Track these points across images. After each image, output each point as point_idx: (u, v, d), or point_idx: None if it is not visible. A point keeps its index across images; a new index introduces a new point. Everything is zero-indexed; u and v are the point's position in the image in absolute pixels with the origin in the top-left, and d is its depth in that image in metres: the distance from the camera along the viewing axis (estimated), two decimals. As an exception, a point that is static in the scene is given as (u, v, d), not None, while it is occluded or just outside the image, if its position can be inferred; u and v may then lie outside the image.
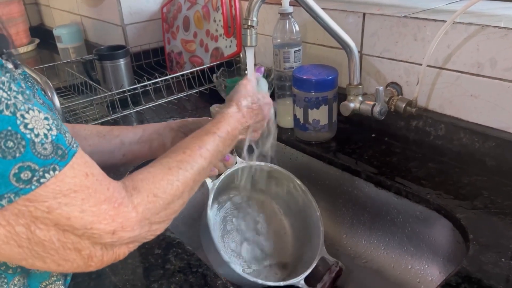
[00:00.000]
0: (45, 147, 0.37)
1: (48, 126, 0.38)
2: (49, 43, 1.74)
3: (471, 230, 0.63)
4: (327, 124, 0.89)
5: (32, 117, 0.36)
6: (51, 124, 0.38)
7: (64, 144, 0.39)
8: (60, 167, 0.38)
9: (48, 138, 0.37)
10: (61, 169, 0.37)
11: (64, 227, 0.38)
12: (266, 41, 1.10)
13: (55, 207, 0.37)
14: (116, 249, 0.43)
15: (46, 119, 0.38)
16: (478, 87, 0.75)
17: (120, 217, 0.42)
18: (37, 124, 0.37)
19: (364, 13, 0.88)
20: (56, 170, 0.37)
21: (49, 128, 0.38)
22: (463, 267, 0.58)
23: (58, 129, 0.39)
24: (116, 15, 1.36)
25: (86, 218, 0.39)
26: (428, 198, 0.72)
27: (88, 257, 0.41)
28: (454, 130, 0.80)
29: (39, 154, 0.36)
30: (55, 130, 0.38)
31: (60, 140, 0.38)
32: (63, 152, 0.38)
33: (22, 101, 0.36)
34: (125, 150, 0.67)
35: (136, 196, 0.44)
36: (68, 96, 1.24)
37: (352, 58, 0.83)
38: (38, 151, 0.36)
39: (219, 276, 0.59)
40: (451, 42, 0.76)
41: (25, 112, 0.36)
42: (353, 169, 0.83)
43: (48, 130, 0.38)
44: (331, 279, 0.74)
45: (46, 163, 0.37)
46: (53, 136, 0.38)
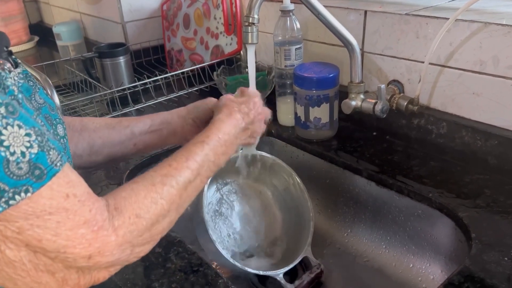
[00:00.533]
0: (21, 166, 0.35)
1: (29, 143, 0.35)
2: (48, 41, 1.73)
3: (474, 229, 0.63)
4: (328, 122, 0.89)
5: (10, 133, 0.34)
6: (33, 141, 0.36)
7: (44, 163, 0.36)
8: (34, 189, 0.35)
9: (25, 156, 0.35)
10: (34, 190, 0.35)
11: (35, 249, 0.37)
12: (267, 38, 1.10)
13: (26, 228, 0.36)
14: (95, 273, 0.41)
15: (27, 135, 0.35)
16: (480, 85, 0.75)
17: (98, 241, 0.39)
18: (14, 141, 0.34)
19: (365, 11, 0.87)
20: (29, 192, 0.35)
21: (29, 145, 0.35)
22: (466, 266, 0.57)
23: (40, 146, 0.36)
24: (116, 13, 1.35)
25: (59, 242, 0.37)
26: (430, 196, 0.71)
27: (63, 280, 0.39)
28: (456, 129, 0.79)
29: (11, 174, 0.34)
30: (36, 147, 0.36)
31: (40, 158, 0.36)
32: (41, 172, 0.36)
33: (3, 114, 0.34)
34: (135, 140, 0.66)
35: (118, 217, 0.42)
36: (68, 94, 1.24)
37: (353, 55, 0.82)
38: (12, 170, 0.34)
39: (220, 275, 0.59)
40: (453, 39, 0.76)
41: (3, 128, 0.34)
42: (354, 168, 0.82)
43: (28, 147, 0.35)
44: (309, 278, 0.75)
45: (18, 184, 0.34)
46: (32, 155, 0.35)
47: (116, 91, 1.08)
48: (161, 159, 0.90)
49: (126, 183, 0.47)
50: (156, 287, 0.58)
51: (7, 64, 0.46)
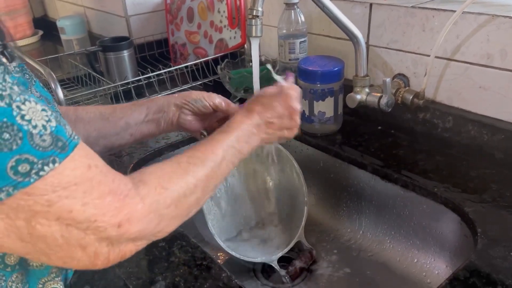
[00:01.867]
0: (44, 138, 0.35)
1: (47, 117, 0.36)
2: (52, 35, 1.73)
3: (480, 224, 0.62)
4: (332, 116, 0.88)
5: (29, 108, 0.35)
6: (50, 115, 0.37)
7: (64, 136, 0.37)
8: (60, 159, 0.36)
9: (47, 129, 0.36)
10: (61, 161, 0.36)
11: (67, 221, 0.37)
12: (271, 32, 1.09)
13: (55, 201, 0.36)
14: (123, 247, 0.41)
15: (44, 111, 0.36)
16: (487, 79, 0.74)
17: (126, 208, 0.40)
18: (34, 115, 0.35)
19: (371, 3, 0.86)
20: (56, 163, 0.36)
21: (48, 119, 0.36)
22: (471, 261, 0.57)
23: (57, 120, 0.37)
24: (120, 6, 1.35)
25: (89, 210, 0.37)
26: (435, 191, 0.71)
27: (94, 255, 0.40)
28: (462, 123, 0.78)
29: (37, 146, 0.35)
30: (54, 121, 0.37)
31: (60, 131, 0.37)
32: (63, 144, 0.37)
33: (18, 92, 0.35)
34: (132, 131, 0.65)
35: (143, 187, 0.42)
36: (72, 87, 1.24)
37: (358, 49, 0.82)
38: (37, 143, 0.35)
39: (224, 269, 0.59)
40: (460, 32, 0.75)
41: (21, 104, 0.35)
42: (359, 162, 0.82)
43: (47, 121, 0.36)
44: (301, 263, 0.76)
45: (45, 155, 0.35)
46: (52, 128, 0.36)
47: (119, 85, 1.07)
48: (165, 153, 0.91)
49: (153, 164, 0.48)
50: (159, 280, 0.58)
51: (2, 58, 0.46)
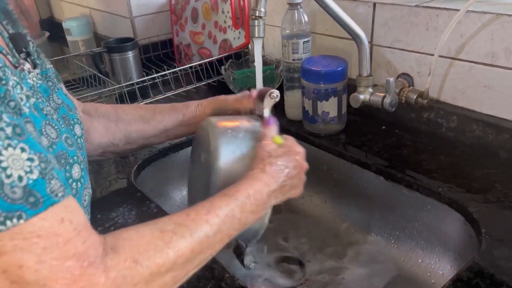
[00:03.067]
0: (14, 190, 0.32)
1: (29, 168, 0.33)
2: (59, 36, 1.74)
3: (484, 224, 0.62)
4: (336, 116, 0.88)
5: (10, 155, 0.33)
6: (34, 166, 0.34)
7: (41, 191, 0.34)
8: (28, 216, 0.33)
9: (22, 181, 0.33)
10: (28, 218, 0.33)
11: (12, 277, 0.33)
12: (274, 32, 1.09)
13: (8, 250, 0.32)
14: None
15: (29, 160, 0.34)
16: (492, 78, 0.73)
17: (84, 280, 0.34)
18: (14, 163, 0.33)
19: (374, 3, 0.86)
20: (21, 219, 0.32)
21: (29, 170, 0.33)
22: (475, 262, 0.56)
23: (42, 173, 0.34)
24: (125, 7, 1.36)
25: (41, 271, 0.33)
26: (439, 191, 0.70)
27: None
28: (466, 122, 0.78)
29: (5, 197, 0.32)
30: (36, 173, 0.34)
31: (38, 186, 0.34)
32: (36, 200, 0.33)
33: (7, 135, 0.33)
34: (168, 133, 0.69)
35: (112, 257, 0.37)
36: (77, 89, 1.25)
37: (362, 48, 0.81)
38: (6, 192, 0.32)
39: (227, 270, 0.59)
40: (464, 31, 0.74)
41: (3, 149, 0.32)
42: (363, 162, 0.82)
43: (27, 172, 0.33)
44: None
45: (11, 209, 0.32)
46: (29, 180, 0.33)
47: (124, 86, 1.08)
48: (169, 153, 0.92)
49: (134, 225, 0.42)
50: (163, 281, 0.58)
51: (26, 64, 0.46)
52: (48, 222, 0.34)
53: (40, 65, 0.52)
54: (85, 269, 0.35)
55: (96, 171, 0.83)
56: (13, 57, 0.45)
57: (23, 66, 0.45)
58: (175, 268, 0.41)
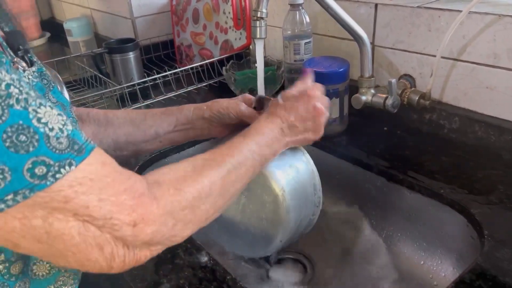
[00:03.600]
0: (61, 141, 0.35)
1: (63, 121, 0.36)
2: (59, 37, 1.74)
3: (486, 226, 0.62)
4: (338, 117, 0.88)
5: (45, 112, 0.35)
6: (66, 120, 0.37)
7: (80, 140, 0.37)
8: (77, 162, 0.36)
9: (63, 132, 0.36)
10: (77, 164, 0.36)
11: (83, 217, 0.37)
12: (276, 33, 1.09)
13: (72, 197, 0.36)
14: (138, 251, 0.41)
15: (60, 115, 0.36)
16: (494, 79, 0.73)
17: (140, 207, 0.39)
18: (51, 118, 0.35)
19: (376, 4, 0.86)
20: (72, 165, 0.36)
21: (64, 123, 0.36)
22: (478, 264, 0.56)
23: (73, 125, 0.37)
24: (126, 8, 1.35)
25: (105, 207, 0.37)
26: (441, 192, 0.70)
27: (111, 256, 0.39)
28: (469, 123, 0.78)
29: (54, 149, 0.35)
30: (70, 126, 0.37)
31: (76, 135, 0.37)
32: (80, 147, 0.37)
33: (34, 96, 0.35)
34: (161, 138, 0.67)
35: (157, 188, 0.42)
36: (78, 89, 1.25)
37: (364, 50, 0.81)
38: (53, 145, 0.35)
39: (228, 272, 0.59)
40: (466, 32, 0.74)
41: (37, 107, 0.35)
42: (364, 163, 0.81)
43: (63, 125, 0.36)
44: None
45: (61, 158, 0.35)
46: (69, 131, 0.36)
47: (125, 87, 1.08)
48: (170, 154, 0.91)
49: (167, 164, 0.47)
50: (164, 283, 0.58)
51: (21, 62, 0.46)
52: (94, 166, 0.37)
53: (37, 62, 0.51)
54: (138, 198, 0.40)
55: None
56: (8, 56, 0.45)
57: (18, 65, 0.45)
58: (212, 195, 0.46)
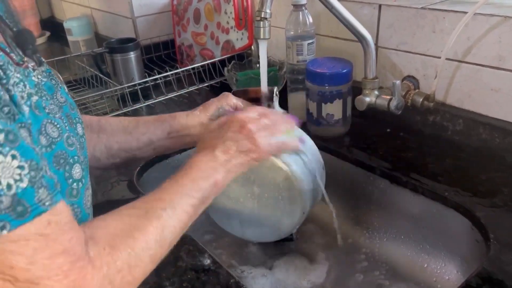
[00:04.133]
0: (2, 199, 0.32)
1: (19, 176, 0.33)
2: (59, 36, 1.73)
3: (491, 229, 0.61)
4: (341, 118, 0.87)
5: (1, 162, 0.32)
6: (24, 174, 0.33)
7: (30, 200, 0.33)
8: (12, 227, 0.32)
9: (11, 189, 0.32)
10: (11, 228, 0.33)
11: (6, 277, 0.34)
12: (278, 33, 1.08)
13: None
14: None
15: (20, 168, 0.33)
16: (499, 81, 0.73)
17: (74, 273, 0.36)
18: (3, 171, 0.32)
19: (380, 5, 0.85)
20: (5, 229, 0.32)
21: (19, 178, 0.33)
22: (484, 268, 0.56)
23: (32, 181, 0.34)
24: (126, 7, 1.35)
25: (34, 271, 0.34)
26: (445, 195, 0.70)
27: None
28: (473, 125, 0.77)
29: None
30: (26, 182, 0.33)
31: (27, 194, 0.33)
32: (24, 210, 0.33)
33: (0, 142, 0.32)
34: (155, 146, 0.66)
35: (92, 247, 0.39)
36: (78, 89, 1.24)
37: (368, 51, 0.81)
38: None
39: (232, 275, 0.58)
40: (471, 34, 0.74)
41: None
42: (367, 165, 0.81)
43: (16, 180, 0.33)
44: None
45: None
46: (19, 189, 0.33)
47: (126, 87, 1.07)
48: (172, 155, 0.91)
49: (105, 214, 0.45)
50: (167, 285, 0.57)
51: (31, 62, 0.46)
52: (35, 227, 0.34)
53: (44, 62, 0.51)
54: (74, 263, 0.36)
55: (97, 174, 0.82)
56: (17, 55, 0.44)
57: (28, 64, 0.45)
58: (150, 248, 0.44)
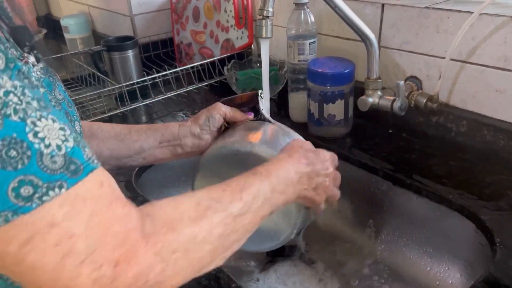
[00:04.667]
0: (55, 160, 0.32)
1: (64, 137, 0.33)
2: (56, 34, 1.71)
3: (497, 233, 0.60)
4: (342, 119, 0.86)
5: (45, 125, 0.33)
6: (68, 135, 0.34)
7: (80, 158, 0.34)
8: (69, 185, 0.33)
9: (61, 149, 0.33)
10: (69, 187, 0.33)
11: (64, 249, 0.33)
12: (279, 32, 1.07)
13: (58, 221, 0.32)
14: None
15: (62, 130, 0.34)
16: (504, 82, 0.72)
17: (127, 243, 0.35)
18: (50, 133, 0.33)
19: (383, 4, 0.84)
20: (63, 188, 0.33)
21: (65, 139, 0.33)
22: (490, 273, 0.55)
23: (76, 141, 0.34)
24: (125, 5, 1.33)
25: (91, 237, 0.34)
26: (449, 198, 0.69)
27: None
28: (477, 127, 0.76)
29: (45, 168, 0.32)
30: (71, 141, 0.34)
31: (76, 153, 0.34)
32: (77, 168, 0.34)
33: (36, 107, 0.33)
34: (145, 154, 0.65)
35: (150, 224, 0.38)
36: (76, 88, 1.22)
37: (371, 51, 0.79)
38: (45, 164, 0.32)
39: (233, 279, 0.57)
40: (476, 34, 0.72)
41: (37, 119, 0.32)
42: (369, 166, 0.80)
43: (63, 141, 0.33)
44: None
45: (52, 179, 0.32)
46: (68, 148, 0.33)
47: (124, 86, 1.06)
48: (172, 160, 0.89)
49: (172, 196, 0.43)
50: (167, 290, 0.56)
51: (31, 58, 0.45)
52: (90, 186, 0.34)
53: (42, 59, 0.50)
54: (128, 232, 0.35)
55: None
56: (17, 51, 0.43)
57: (27, 59, 0.43)
58: (211, 240, 0.41)
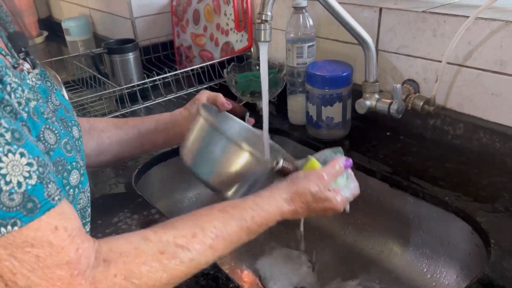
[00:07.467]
0: (13, 197, 0.33)
1: (28, 173, 0.34)
2: (57, 36, 1.72)
3: (492, 235, 0.61)
4: (340, 121, 0.87)
5: (10, 161, 0.33)
6: (33, 171, 0.34)
7: (39, 196, 0.34)
8: (23, 223, 0.33)
9: (21, 187, 0.33)
10: (22, 225, 0.33)
11: (6, 281, 0.34)
12: (278, 35, 1.08)
13: (3, 258, 0.33)
14: None
15: (28, 165, 0.34)
16: (500, 86, 0.73)
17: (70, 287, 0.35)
18: (13, 170, 0.33)
19: (380, 8, 0.85)
20: (16, 226, 0.33)
21: (28, 175, 0.34)
22: (485, 274, 0.55)
23: (40, 177, 0.34)
24: (125, 8, 1.34)
25: (33, 279, 0.34)
26: (446, 200, 0.69)
27: None
28: (473, 130, 0.77)
29: (1, 204, 0.32)
30: (35, 178, 0.34)
31: (36, 191, 0.34)
32: (34, 206, 0.34)
33: (7, 141, 0.33)
34: (142, 139, 0.68)
35: (102, 270, 0.37)
36: (77, 90, 1.23)
37: (368, 54, 0.80)
38: (2, 200, 0.32)
39: (231, 279, 0.57)
40: (472, 38, 0.73)
41: (3, 155, 0.32)
42: (367, 169, 0.80)
43: (26, 178, 0.33)
44: None
45: (6, 216, 0.32)
46: (28, 186, 0.33)
47: (125, 88, 1.06)
48: (170, 158, 0.90)
49: (135, 233, 0.42)
50: (165, 290, 0.57)
51: (26, 65, 0.45)
52: (42, 232, 0.34)
53: (38, 64, 0.50)
54: (75, 278, 0.35)
55: (95, 175, 0.82)
56: (12, 58, 0.44)
57: (22, 66, 0.44)
58: (174, 280, 0.41)
